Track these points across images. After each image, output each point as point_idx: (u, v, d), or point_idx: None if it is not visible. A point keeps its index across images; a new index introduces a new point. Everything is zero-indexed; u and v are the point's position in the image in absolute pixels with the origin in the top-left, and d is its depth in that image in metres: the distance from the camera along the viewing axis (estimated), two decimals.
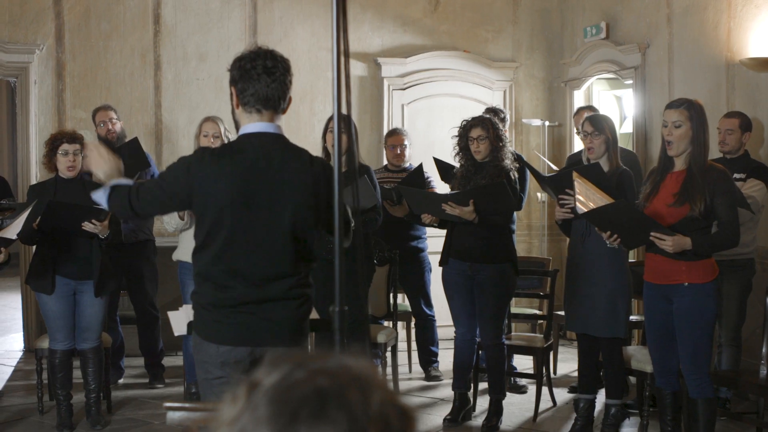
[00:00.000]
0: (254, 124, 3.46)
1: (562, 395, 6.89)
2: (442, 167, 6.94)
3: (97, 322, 6.11)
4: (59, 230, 5.87)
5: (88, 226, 5.76)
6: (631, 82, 8.37)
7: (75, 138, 6.05)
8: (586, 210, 5.27)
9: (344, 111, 2.78)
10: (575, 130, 7.54)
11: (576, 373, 6.44)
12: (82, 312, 6.05)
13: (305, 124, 8.71)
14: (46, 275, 5.95)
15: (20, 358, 8.34)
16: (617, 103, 9.43)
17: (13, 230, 5.66)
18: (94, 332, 6.11)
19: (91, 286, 6.01)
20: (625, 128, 9.12)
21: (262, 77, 3.39)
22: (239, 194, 3.40)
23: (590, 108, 7.55)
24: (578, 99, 9.19)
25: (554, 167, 7.95)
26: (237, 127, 3.56)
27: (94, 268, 5.99)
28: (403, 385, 7.24)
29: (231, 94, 3.49)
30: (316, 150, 6.25)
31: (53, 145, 6.02)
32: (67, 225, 5.83)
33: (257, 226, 3.43)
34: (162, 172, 3.60)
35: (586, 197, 5.32)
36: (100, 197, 3.59)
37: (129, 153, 7.06)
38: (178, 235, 6.56)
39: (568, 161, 7.30)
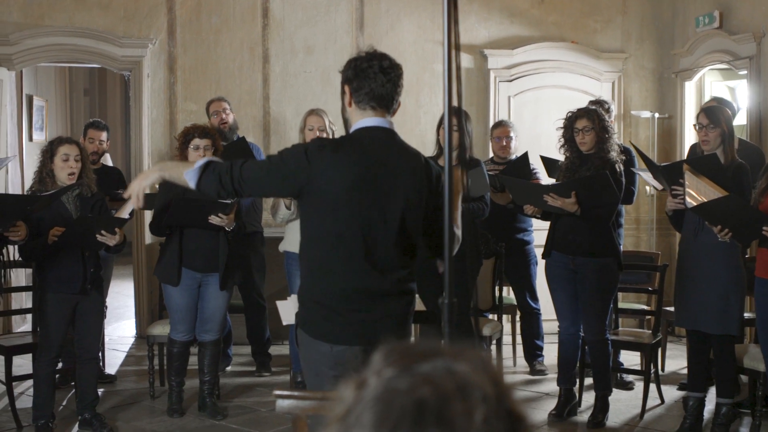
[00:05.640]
0: (369, 119, 3.45)
1: (671, 393, 6.75)
2: (548, 163, 6.86)
3: (219, 314, 6.15)
4: (187, 225, 5.94)
5: (214, 219, 5.82)
6: (745, 72, 8.12)
7: (207, 132, 6.00)
8: (695, 204, 5.15)
9: (455, 103, 2.76)
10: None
11: (685, 371, 6.29)
12: (206, 304, 6.10)
13: (411, 117, 8.71)
14: (172, 267, 5.98)
15: (132, 344, 8.59)
16: (730, 95, 9.16)
17: (126, 210, 5.76)
18: (216, 324, 6.15)
19: (216, 279, 6.05)
20: (738, 120, 8.85)
21: (378, 76, 3.39)
22: (358, 185, 3.37)
23: (715, 100, 7.26)
24: (689, 90, 8.98)
25: None
26: (347, 124, 3.54)
27: (220, 261, 6.03)
28: (507, 379, 7.18)
29: (343, 93, 3.48)
30: (424, 144, 6.27)
31: (185, 138, 5.99)
32: (194, 220, 5.89)
33: (373, 217, 3.39)
34: (273, 156, 3.47)
35: (696, 190, 5.20)
36: (190, 176, 3.44)
37: (235, 152, 7.13)
38: (284, 226, 6.62)
39: (690, 152, 7.05)
